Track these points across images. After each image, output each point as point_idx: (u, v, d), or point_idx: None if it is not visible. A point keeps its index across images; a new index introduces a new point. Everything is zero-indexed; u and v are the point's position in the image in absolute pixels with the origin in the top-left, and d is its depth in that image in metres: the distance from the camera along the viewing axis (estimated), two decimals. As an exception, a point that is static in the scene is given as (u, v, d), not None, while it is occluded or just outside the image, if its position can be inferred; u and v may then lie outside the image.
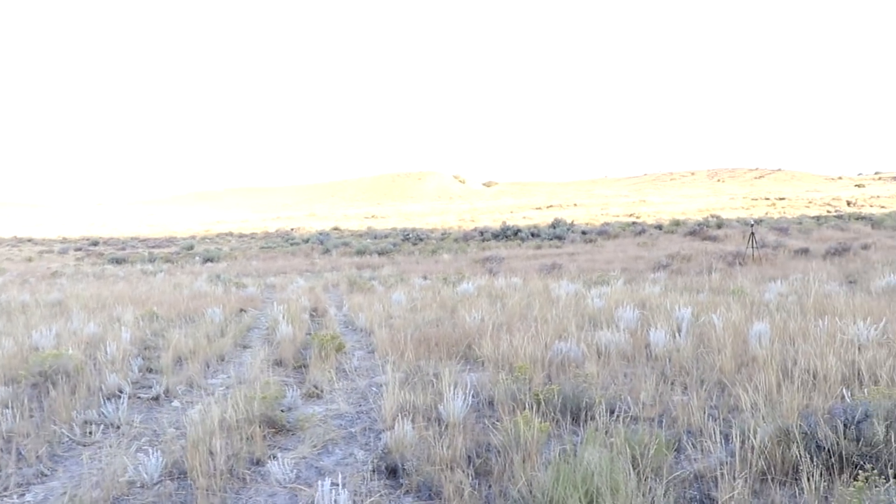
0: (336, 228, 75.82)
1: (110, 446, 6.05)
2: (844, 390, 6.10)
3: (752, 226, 26.31)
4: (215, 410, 6.22)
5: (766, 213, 69.98)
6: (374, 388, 7.82)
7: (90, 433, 6.38)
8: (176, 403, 7.51)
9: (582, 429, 5.80)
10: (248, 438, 5.88)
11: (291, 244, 49.45)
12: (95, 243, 67.29)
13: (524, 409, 6.09)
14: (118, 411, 6.74)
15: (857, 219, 47.17)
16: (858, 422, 4.99)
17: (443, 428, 5.92)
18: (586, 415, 6.05)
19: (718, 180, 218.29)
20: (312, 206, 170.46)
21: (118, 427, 6.58)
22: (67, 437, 6.31)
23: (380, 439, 6.00)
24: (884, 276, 16.51)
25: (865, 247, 25.61)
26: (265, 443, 5.93)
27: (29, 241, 78.89)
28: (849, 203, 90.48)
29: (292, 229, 78.97)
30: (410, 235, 49.62)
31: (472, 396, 6.65)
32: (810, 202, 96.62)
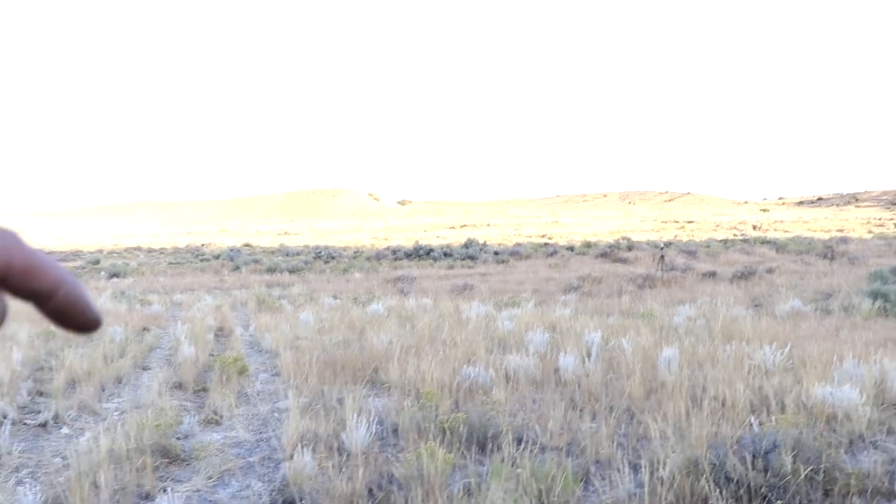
0: (248, 245, 74.69)
1: (-12, 478, 5.67)
2: (753, 418, 6.07)
3: (661, 249, 26.66)
4: (104, 439, 5.88)
5: (676, 236, 71.21)
6: (276, 414, 7.54)
7: (-32, 464, 5.98)
8: (65, 430, 7.12)
9: (489, 459, 5.63)
10: (138, 470, 5.57)
11: (201, 260, 48.48)
12: (-4, 256, 65.08)
13: (429, 438, 5.90)
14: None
15: (762, 243, 48.26)
16: (766, 452, 4.93)
17: (344, 458, 5.69)
18: (493, 444, 5.88)
19: (630, 202, 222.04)
20: (225, 222, 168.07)
21: (-1, 457, 6.18)
22: (-58, 468, 5.90)
23: (279, 470, 5.73)
24: (787, 300, 16.82)
25: (770, 270, 26.13)
26: (157, 474, 5.62)
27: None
28: (754, 227, 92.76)
29: (203, 245, 77.53)
30: (322, 253, 49.09)
31: (377, 424, 6.41)
32: (718, 225, 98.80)
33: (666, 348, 8.88)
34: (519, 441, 5.90)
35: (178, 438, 6.48)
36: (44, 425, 7.24)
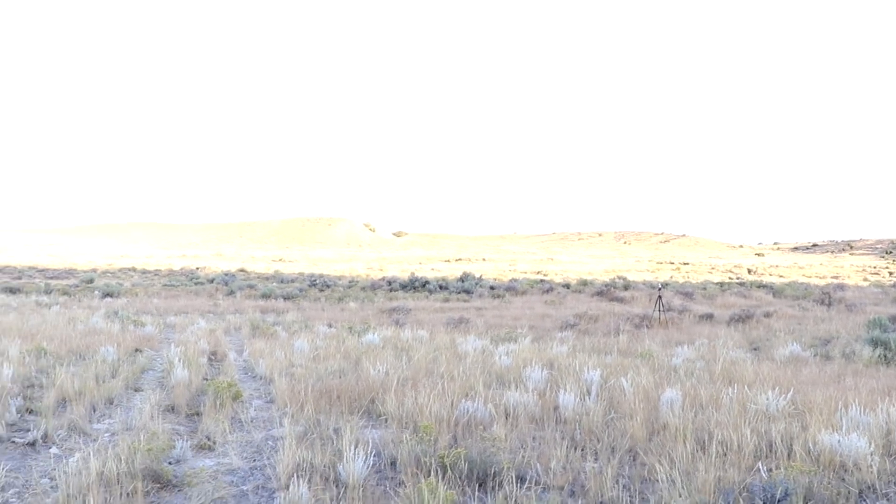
0: (242, 270, 74.45)
1: (-28, 499, 5.49)
2: (761, 465, 5.91)
3: (659, 289, 26.52)
4: (94, 462, 5.70)
5: (671, 277, 71.08)
6: (270, 442, 7.36)
7: (-48, 482, 5.78)
8: (54, 450, 6.94)
9: (489, 497, 5.47)
10: (128, 494, 5.40)
11: (196, 283, 48.28)
12: (-11, 272, 64.79)
13: (429, 473, 5.75)
14: (-14, 458, 6.14)
15: (759, 287, 48.15)
16: (778, 500, 4.79)
17: (341, 490, 5.53)
18: (494, 482, 5.73)
19: (625, 242, 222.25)
20: (219, 246, 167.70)
21: (-16, 476, 5.97)
22: (-75, 485, 5.70)
23: (273, 500, 5.57)
24: (786, 344, 16.70)
25: (767, 314, 26.01)
26: (147, 500, 5.45)
27: (-83, 266, 75.45)
28: (749, 271, 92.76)
29: (197, 268, 77.22)
30: (318, 281, 48.89)
31: (374, 456, 6.24)
32: (713, 268, 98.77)
33: (668, 390, 8.75)
34: (520, 479, 5.75)
35: (170, 463, 6.30)
36: (32, 444, 7.05)
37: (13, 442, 7.08)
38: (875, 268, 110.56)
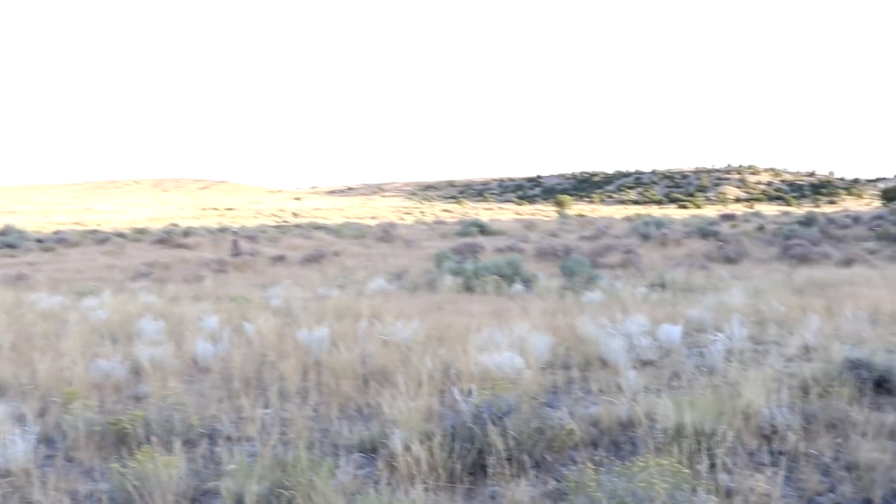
0: None
1: None
2: (454, 390, 5.94)
3: (235, 233, 26.24)
4: None
5: (218, 223, 70.42)
6: None
7: None
8: None
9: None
10: None
11: None
12: None
13: (101, 441, 5.09)
14: None
15: (316, 228, 49.42)
16: (502, 416, 4.87)
17: None
18: (182, 442, 5.16)
19: (164, 190, 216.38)
20: None
21: None
22: None
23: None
24: (371, 279, 17.37)
25: (337, 254, 26.81)
26: None
27: None
28: (294, 214, 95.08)
29: None
30: None
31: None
32: (258, 213, 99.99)
33: (304, 329, 8.55)
34: (210, 437, 5.30)
35: None
36: None
37: None
38: (407, 208, 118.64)
